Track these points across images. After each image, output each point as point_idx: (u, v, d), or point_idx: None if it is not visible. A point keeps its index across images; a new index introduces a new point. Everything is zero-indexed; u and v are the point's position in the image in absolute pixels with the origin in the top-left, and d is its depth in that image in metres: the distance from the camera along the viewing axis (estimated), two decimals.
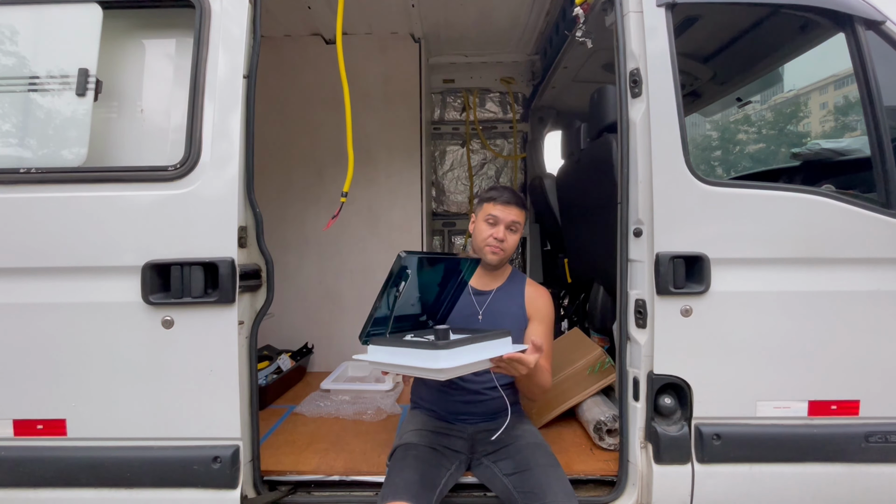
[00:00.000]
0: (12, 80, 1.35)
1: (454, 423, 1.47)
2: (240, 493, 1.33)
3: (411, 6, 2.48)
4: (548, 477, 1.22)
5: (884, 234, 1.34)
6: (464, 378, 1.43)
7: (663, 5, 1.36)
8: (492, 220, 1.47)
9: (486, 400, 1.46)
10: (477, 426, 1.46)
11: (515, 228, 1.49)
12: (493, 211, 1.47)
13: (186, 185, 1.31)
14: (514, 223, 1.48)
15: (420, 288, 1.30)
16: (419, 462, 1.29)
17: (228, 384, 1.32)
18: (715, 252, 1.34)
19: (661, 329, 1.35)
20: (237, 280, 1.31)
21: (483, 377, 1.45)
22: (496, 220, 1.47)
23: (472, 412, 1.47)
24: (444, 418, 1.49)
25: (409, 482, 1.21)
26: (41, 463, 1.33)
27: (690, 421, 1.37)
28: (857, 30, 1.39)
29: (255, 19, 1.39)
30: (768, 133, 16.36)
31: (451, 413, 1.48)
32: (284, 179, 2.81)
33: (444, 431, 1.44)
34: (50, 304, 1.32)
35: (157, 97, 1.44)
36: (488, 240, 1.47)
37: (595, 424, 1.70)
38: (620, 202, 1.41)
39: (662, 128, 1.34)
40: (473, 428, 1.45)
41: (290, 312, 2.78)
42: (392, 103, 2.81)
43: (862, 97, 1.40)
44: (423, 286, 1.31)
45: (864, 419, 1.36)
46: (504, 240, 1.46)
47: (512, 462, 1.32)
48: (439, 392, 1.49)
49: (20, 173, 1.31)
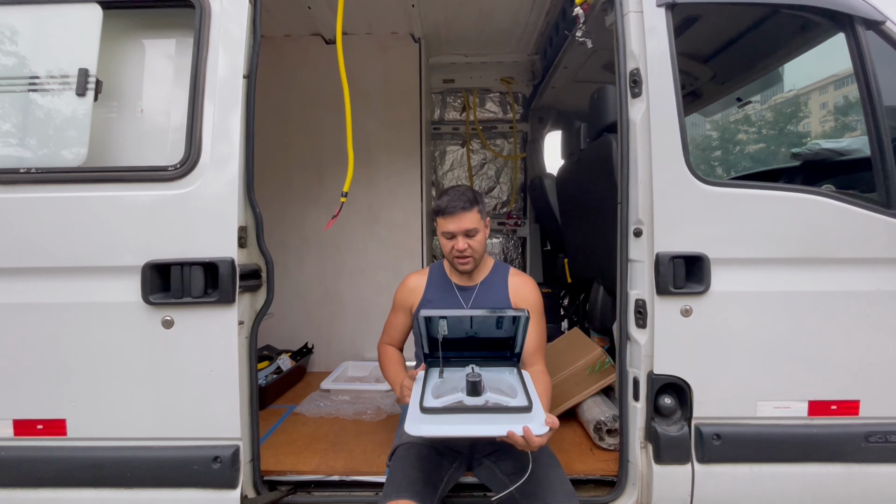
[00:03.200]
0: (12, 80, 1.35)
1: None
2: (240, 493, 1.33)
3: (411, 6, 2.48)
4: (548, 477, 1.22)
5: (884, 234, 1.34)
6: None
7: (663, 5, 1.36)
8: (448, 236, 1.47)
9: None
10: None
11: (473, 233, 1.46)
12: (447, 226, 1.45)
13: (186, 185, 1.31)
14: (469, 230, 1.45)
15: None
16: (421, 460, 1.29)
17: (228, 384, 1.33)
18: (715, 252, 1.34)
19: (661, 329, 1.35)
20: (237, 280, 1.31)
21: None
22: (452, 234, 1.46)
23: None
24: None
25: (412, 480, 1.21)
26: (41, 463, 1.33)
27: (690, 421, 1.37)
28: (857, 30, 1.39)
29: (255, 19, 1.39)
30: (768, 133, 16.35)
31: None
32: (284, 179, 2.81)
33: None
34: (50, 304, 1.32)
35: (157, 97, 1.44)
36: (452, 252, 1.48)
37: (595, 424, 1.70)
38: (620, 202, 1.41)
39: (662, 128, 1.34)
40: None
41: (290, 312, 2.79)
42: (392, 103, 2.81)
43: (862, 97, 1.40)
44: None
45: (864, 419, 1.36)
46: (466, 248, 1.45)
47: (512, 462, 1.32)
48: None
49: (20, 173, 1.31)
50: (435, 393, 1.22)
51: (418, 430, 1.07)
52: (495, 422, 1.10)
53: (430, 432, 1.07)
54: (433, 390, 1.23)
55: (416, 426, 1.07)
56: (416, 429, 1.07)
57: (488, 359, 1.35)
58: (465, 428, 1.09)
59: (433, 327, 1.28)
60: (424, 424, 1.08)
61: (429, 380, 1.28)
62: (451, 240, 1.47)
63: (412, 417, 1.10)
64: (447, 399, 1.18)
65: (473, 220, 1.45)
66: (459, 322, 1.29)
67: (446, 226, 1.46)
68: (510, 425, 1.08)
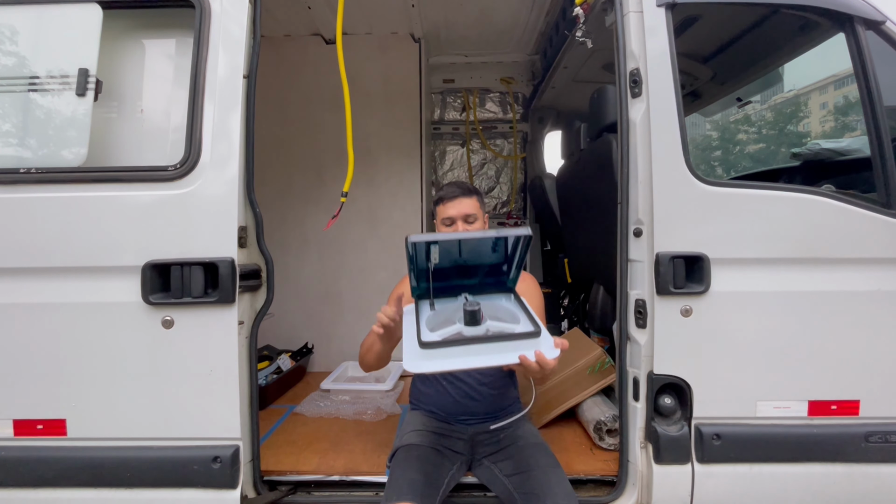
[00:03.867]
0: (12, 80, 1.35)
1: (454, 425, 1.47)
2: (240, 493, 1.33)
3: (411, 6, 2.48)
4: (548, 478, 1.22)
5: (884, 234, 1.34)
6: (459, 377, 1.46)
7: (663, 5, 1.36)
8: (448, 221, 1.47)
9: (483, 398, 1.46)
10: (476, 427, 1.46)
11: (472, 220, 1.46)
12: (447, 212, 1.46)
13: (186, 185, 1.31)
14: (468, 215, 1.45)
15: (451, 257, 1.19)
16: (422, 462, 1.29)
17: (228, 384, 1.32)
18: (715, 252, 1.34)
19: (661, 329, 1.35)
20: (237, 280, 1.31)
21: (479, 376, 1.47)
22: (452, 220, 1.46)
23: (471, 412, 1.47)
24: (443, 419, 1.48)
25: (413, 482, 1.20)
26: (41, 463, 1.33)
27: (690, 421, 1.37)
28: (857, 30, 1.39)
29: (255, 19, 1.39)
30: (768, 133, 16.35)
31: (451, 414, 1.48)
32: (284, 179, 2.81)
33: (444, 433, 1.44)
34: (50, 304, 1.32)
35: (157, 97, 1.44)
36: None
37: (595, 424, 1.70)
38: (620, 202, 1.41)
39: (662, 128, 1.34)
40: (473, 429, 1.45)
41: (290, 312, 2.78)
42: (392, 103, 2.81)
43: (862, 97, 1.40)
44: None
45: (864, 419, 1.36)
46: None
47: (512, 463, 1.32)
48: (437, 392, 1.49)
49: (20, 173, 1.31)
50: (429, 325, 1.12)
51: (419, 367, 0.98)
52: (503, 350, 1.01)
53: (435, 367, 0.99)
54: (427, 323, 1.13)
55: (417, 363, 0.98)
56: (417, 366, 0.98)
57: (481, 286, 1.25)
58: (472, 360, 0.99)
59: (420, 257, 1.15)
60: (426, 361, 0.99)
61: (420, 313, 1.17)
62: (451, 226, 1.47)
63: (410, 354, 1.00)
64: (445, 332, 1.08)
65: (473, 206, 1.47)
66: (450, 248, 1.15)
67: (446, 211, 1.46)
68: (519, 352, 1.00)
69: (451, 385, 1.48)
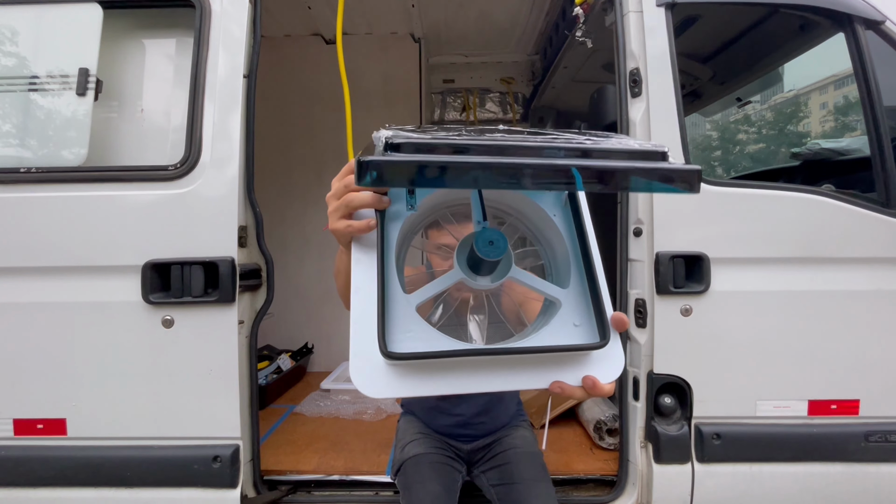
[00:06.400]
0: (12, 80, 1.35)
1: (449, 441, 1.37)
2: (240, 493, 1.33)
3: (411, 6, 2.48)
4: (529, 493, 1.16)
5: (884, 234, 1.34)
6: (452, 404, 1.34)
7: (663, 5, 1.36)
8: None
9: (482, 424, 1.35)
10: (472, 444, 1.36)
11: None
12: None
13: (186, 185, 1.31)
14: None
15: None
16: (436, 472, 1.23)
17: (228, 384, 1.33)
18: (715, 252, 1.34)
19: (660, 329, 1.35)
20: (237, 280, 1.31)
21: (469, 406, 1.33)
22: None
23: (468, 435, 1.36)
24: (439, 432, 1.38)
25: (435, 496, 1.15)
26: (41, 462, 1.33)
27: (690, 420, 1.37)
28: (857, 30, 1.39)
29: (255, 19, 1.40)
30: (768, 133, 16.36)
31: (444, 435, 1.37)
32: (284, 179, 2.81)
33: (444, 441, 1.36)
34: (50, 304, 1.32)
35: (157, 97, 1.44)
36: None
37: (595, 424, 1.70)
38: (620, 202, 1.41)
39: (662, 128, 1.34)
40: (469, 446, 1.36)
41: (290, 312, 2.79)
42: (392, 103, 2.82)
43: (862, 97, 1.40)
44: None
45: (863, 419, 1.36)
46: None
47: (499, 473, 1.26)
48: (425, 413, 1.39)
49: (20, 173, 1.31)
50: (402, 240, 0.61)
51: (378, 391, 0.53)
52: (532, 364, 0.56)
53: (408, 391, 0.54)
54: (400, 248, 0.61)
55: (373, 382, 0.52)
56: (374, 388, 0.52)
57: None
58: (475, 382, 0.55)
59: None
60: (394, 380, 0.53)
61: (388, 235, 0.59)
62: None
63: (362, 362, 0.52)
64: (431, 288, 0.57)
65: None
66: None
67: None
68: (557, 375, 0.56)
69: (441, 414, 1.34)
